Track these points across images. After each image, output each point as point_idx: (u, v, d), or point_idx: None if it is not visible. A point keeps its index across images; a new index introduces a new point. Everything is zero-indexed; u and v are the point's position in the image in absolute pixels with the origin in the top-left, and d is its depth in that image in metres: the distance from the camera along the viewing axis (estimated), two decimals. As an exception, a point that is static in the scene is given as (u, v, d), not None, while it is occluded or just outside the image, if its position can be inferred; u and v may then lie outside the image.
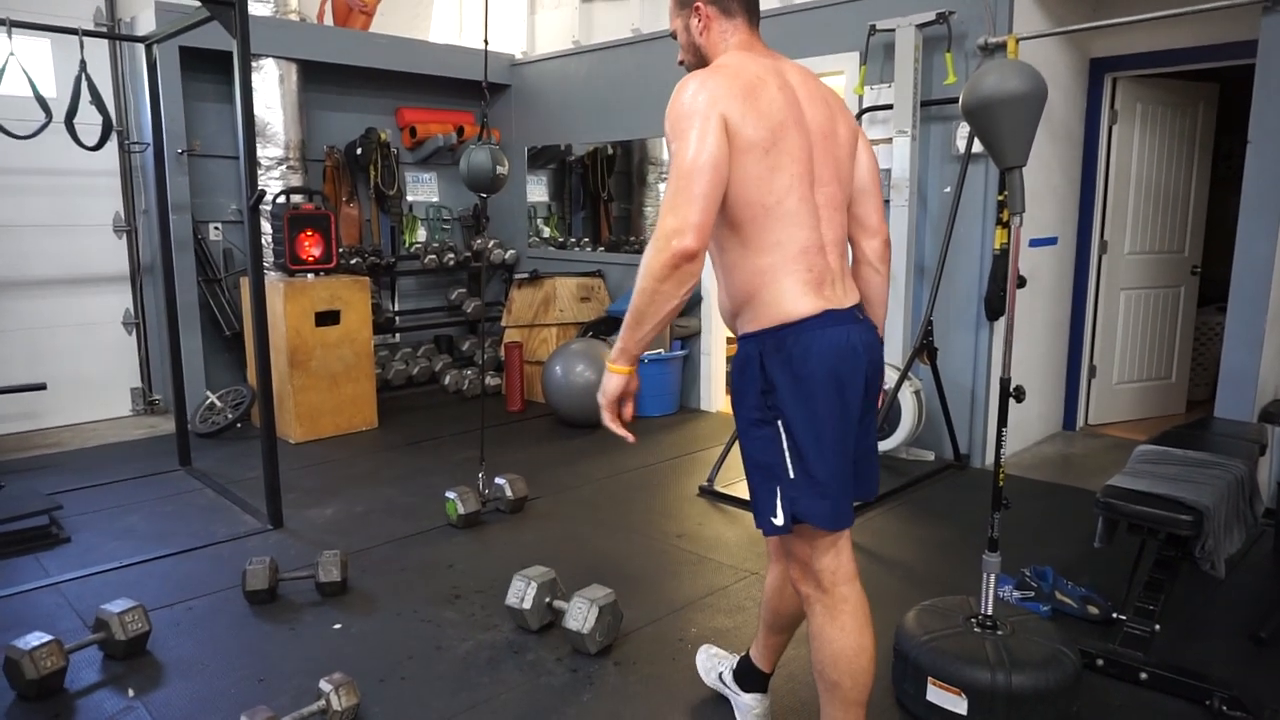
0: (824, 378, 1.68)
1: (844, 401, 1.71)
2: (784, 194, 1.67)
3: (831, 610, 1.79)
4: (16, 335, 4.96)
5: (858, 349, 1.73)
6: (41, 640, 2.35)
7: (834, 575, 1.78)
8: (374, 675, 2.45)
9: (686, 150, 1.59)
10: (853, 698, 1.80)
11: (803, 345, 1.68)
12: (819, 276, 1.72)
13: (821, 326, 1.69)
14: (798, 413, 1.69)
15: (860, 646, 1.78)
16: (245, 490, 3.97)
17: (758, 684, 2.23)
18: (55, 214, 5.06)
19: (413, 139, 6.12)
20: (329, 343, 4.87)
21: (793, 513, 1.71)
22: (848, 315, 1.75)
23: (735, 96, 1.64)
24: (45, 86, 3.91)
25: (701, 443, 4.78)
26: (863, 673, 1.78)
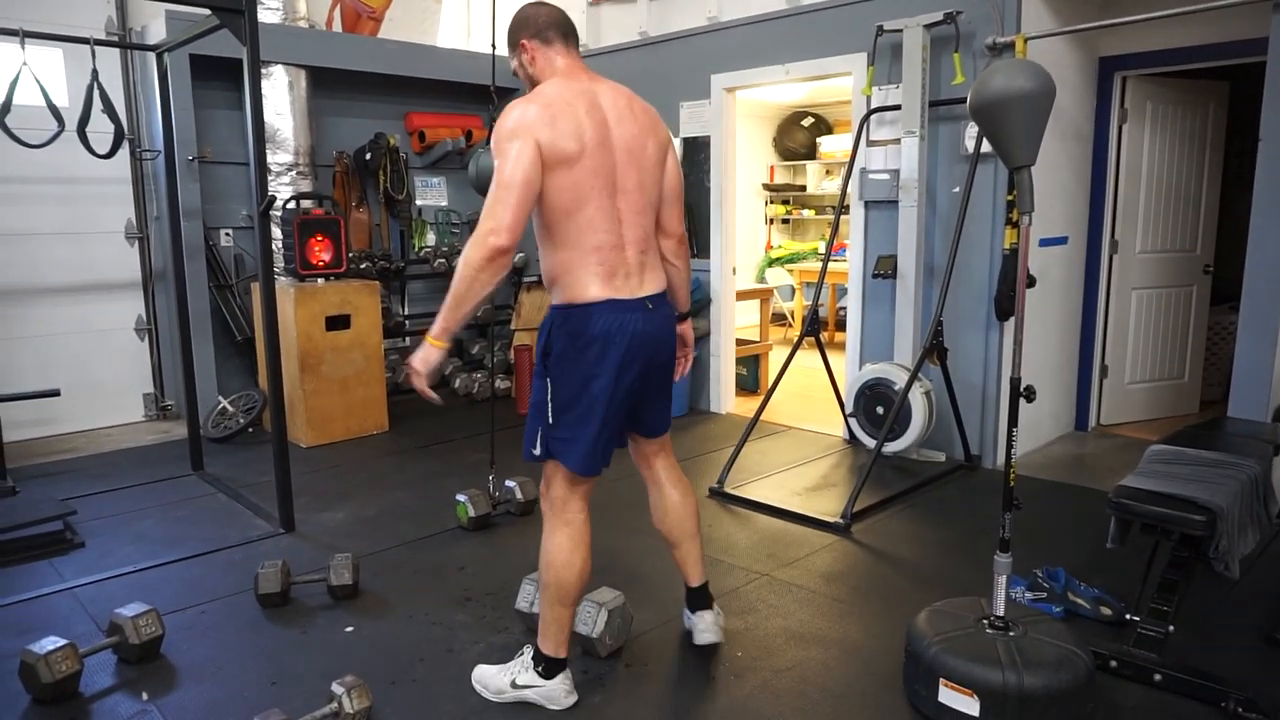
0: (595, 352, 2.12)
1: (614, 373, 2.13)
2: (584, 202, 2.08)
3: (555, 527, 2.25)
4: (31, 342, 5.00)
5: (634, 331, 2.15)
6: (56, 644, 2.36)
7: (565, 503, 2.25)
8: (386, 678, 2.45)
9: (505, 166, 1.99)
10: (556, 598, 2.24)
11: (581, 324, 2.12)
12: (610, 271, 2.14)
13: (602, 312, 2.12)
14: (563, 376, 2.15)
15: (568, 561, 2.22)
16: (257, 494, 3.99)
17: (701, 600, 2.57)
18: (68, 222, 5.10)
19: (421, 144, 6.14)
20: (339, 347, 4.90)
21: (547, 449, 2.22)
22: (634, 304, 2.17)
23: (545, 122, 2.02)
24: (57, 95, 3.95)
25: (711, 444, 4.78)
26: (567, 583, 2.22)
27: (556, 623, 2.27)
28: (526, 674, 2.32)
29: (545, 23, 2.20)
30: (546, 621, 2.29)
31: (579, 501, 2.27)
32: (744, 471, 4.25)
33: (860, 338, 4.79)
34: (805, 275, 8.19)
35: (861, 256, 4.73)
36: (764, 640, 2.68)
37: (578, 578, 2.24)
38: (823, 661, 2.55)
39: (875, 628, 2.75)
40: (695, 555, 2.55)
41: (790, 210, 9.16)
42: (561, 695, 2.31)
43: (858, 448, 4.67)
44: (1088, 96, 4.64)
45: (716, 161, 5.35)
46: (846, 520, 3.55)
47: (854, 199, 4.72)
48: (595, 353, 2.13)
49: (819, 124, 8.82)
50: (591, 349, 2.13)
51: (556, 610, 2.26)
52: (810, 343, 4.43)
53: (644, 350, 2.19)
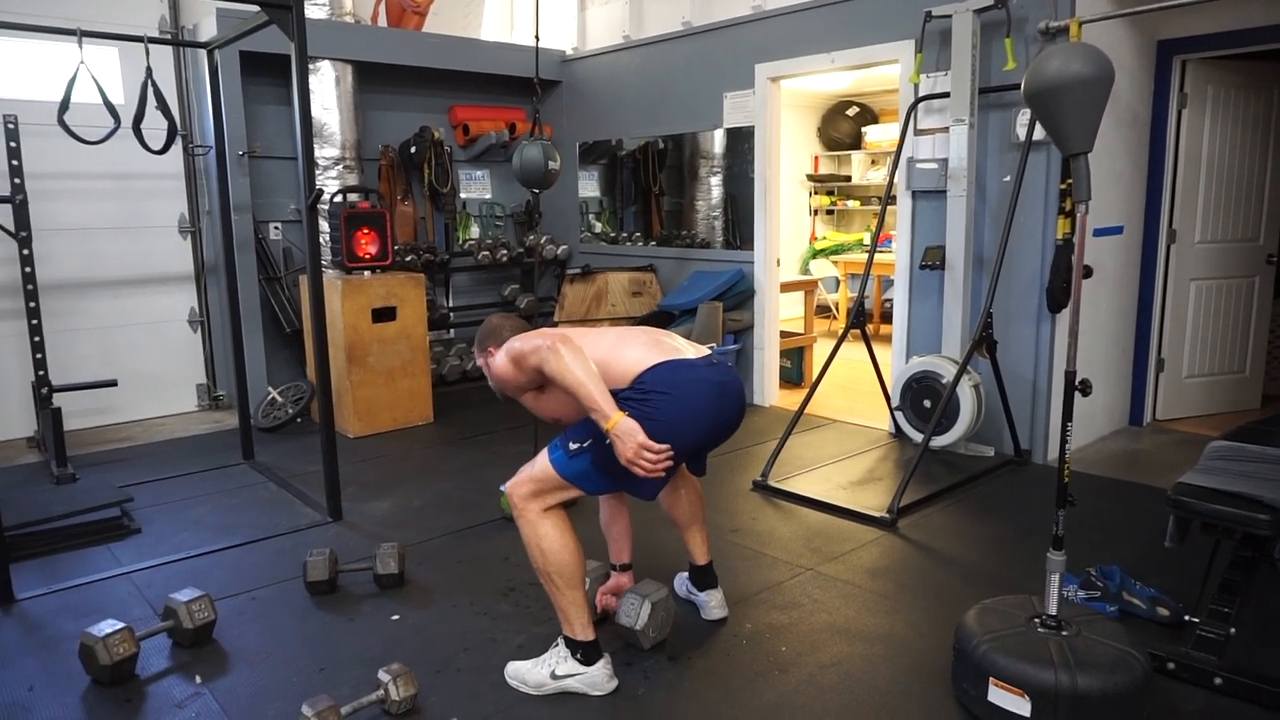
0: (672, 396, 2.22)
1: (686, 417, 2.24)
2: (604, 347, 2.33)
3: (537, 518, 2.28)
4: (89, 334, 5.14)
5: (711, 380, 2.31)
6: (114, 628, 2.43)
7: (546, 507, 2.30)
8: (431, 666, 2.48)
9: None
10: (563, 583, 2.28)
11: (656, 380, 2.23)
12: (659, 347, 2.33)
13: (671, 368, 2.25)
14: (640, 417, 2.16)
15: (563, 545, 2.27)
16: (305, 484, 4.06)
17: (708, 579, 2.75)
18: (124, 216, 5.23)
19: (465, 136, 6.18)
20: (385, 339, 4.96)
21: (580, 467, 2.25)
22: (698, 361, 2.34)
23: None
24: (113, 93, 4.03)
25: (755, 437, 4.75)
26: (569, 565, 2.27)
27: (574, 605, 2.31)
28: (566, 663, 2.32)
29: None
30: (564, 609, 2.32)
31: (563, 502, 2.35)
32: (788, 465, 4.21)
33: (907, 330, 4.71)
34: (850, 267, 8.09)
35: (908, 247, 4.65)
36: (809, 635, 2.65)
37: (576, 557, 2.29)
38: (868, 658, 2.52)
39: (922, 625, 2.70)
40: (702, 537, 2.76)
41: (835, 201, 9.05)
42: (604, 680, 2.32)
43: (904, 442, 4.60)
44: (1145, 81, 4.50)
45: (760, 152, 5.30)
46: (893, 515, 3.50)
47: (901, 189, 4.64)
48: (677, 399, 2.21)
49: (864, 113, 8.70)
50: (673, 395, 2.21)
51: (568, 594, 2.30)
52: (856, 335, 4.37)
53: (720, 399, 2.31)
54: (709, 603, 2.75)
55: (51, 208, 4.90)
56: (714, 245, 5.73)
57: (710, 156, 5.67)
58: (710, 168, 5.68)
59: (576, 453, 2.26)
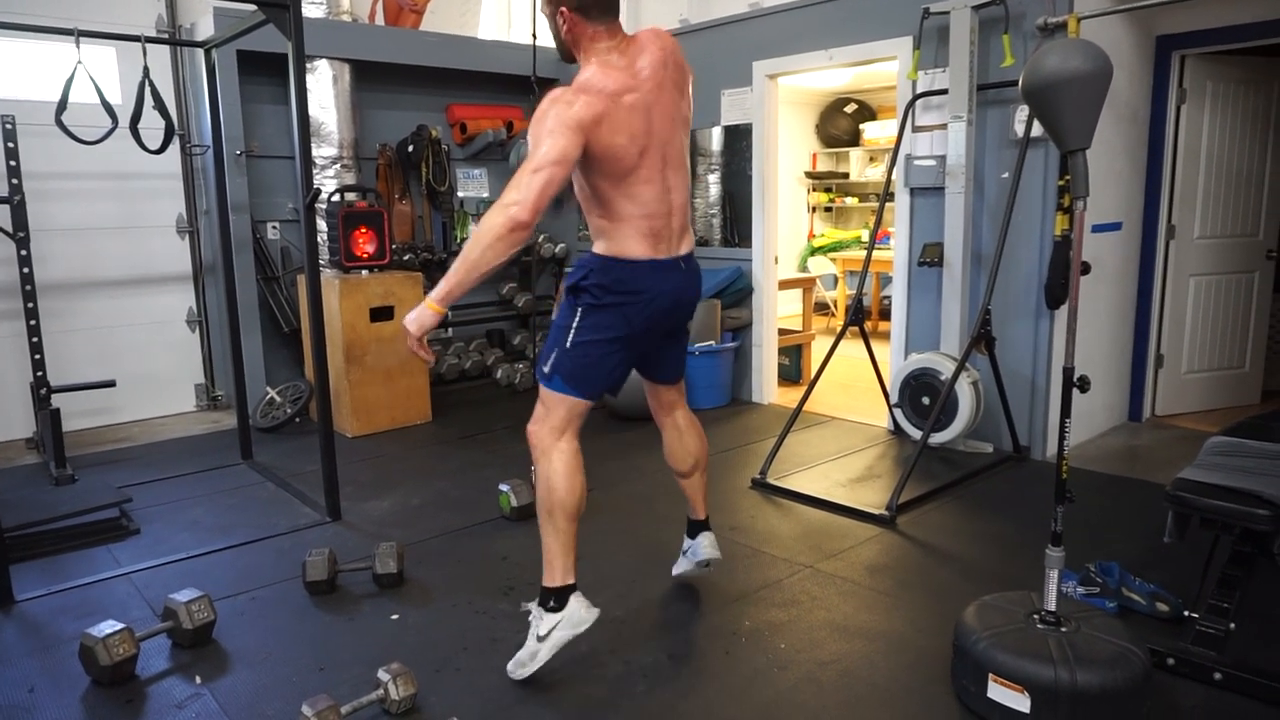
0: (629, 304, 2.27)
1: (643, 324, 2.31)
2: (635, 179, 2.20)
3: (551, 454, 2.31)
4: (87, 334, 5.14)
5: (668, 289, 2.32)
6: (114, 628, 2.43)
7: (562, 431, 2.33)
8: (430, 665, 2.48)
9: (540, 149, 2.04)
10: (562, 519, 2.31)
11: (622, 276, 2.25)
12: (656, 236, 2.28)
13: (644, 270, 2.27)
14: (592, 314, 2.27)
15: (570, 485, 2.30)
16: (304, 483, 4.05)
17: (701, 526, 2.81)
18: (121, 216, 5.22)
19: (463, 135, 6.17)
20: (383, 338, 4.95)
21: (556, 374, 2.30)
22: (671, 263, 2.33)
23: (591, 122, 2.09)
24: (110, 93, 4.02)
25: (754, 435, 4.74)
26: (570, 504, 2.30)
27: (563, 547, 2.33)
28: (543, 621, 2.34)
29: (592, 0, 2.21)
30: (553, 551, 2.33)
31: (574, 429, 2.37)
32: (786, 462, 4.21)
33: (905, 327, 4.71)
34: (848, 264, 8.09)
35: (907, 244, 4.65)
36: (808, 633, 2.65)
37: (579, 499, 2.33)
38: (867, 655, 2.52)
39: (921, 621, 2.70)
40: (703, 487, 2.80)
41: (833, 198, 9.05)
42: (582, 612, 2.34)
43: (903, 439, 4.60)
44: (1144, 77, 4.50)
45: (758, 149, 5.29)
46: (892, 512, 3.50)
47: (899, 186, 4.63)
48: (629, 305, 2.27)
49: (862, 110, 8.69)
50: (626, 301, 2.27)
51: (565, 530, 2.32)
52: (854, 332, 4.37)
53: (672, 305, 2.37)
54: (701, 543, 2.78)
55: (49, 208, 4.90)
56: (712, 243, 5.72)
57: (708, 154, 5.67)
58: (708, 165, 5.68)
59: (551, 370, 2.34)
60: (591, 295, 2.29)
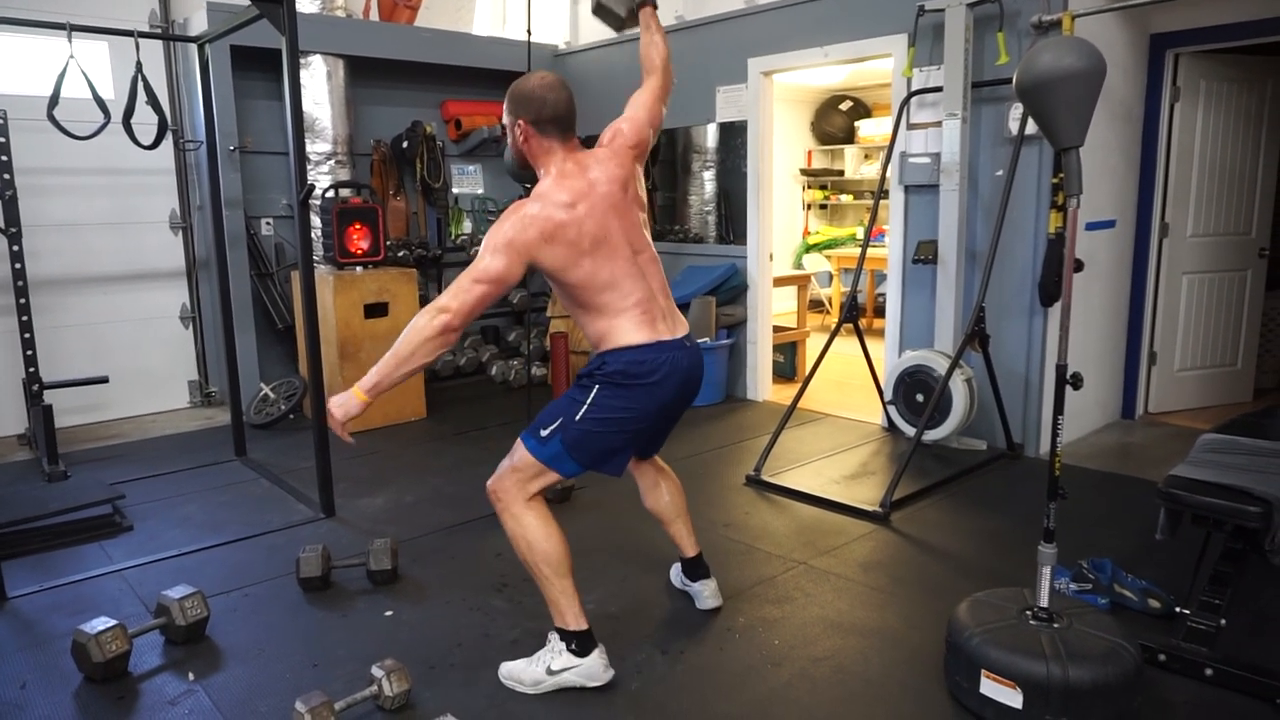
0: (643, 387, 2.26)
1: (655, 407, 2.30)
2: (609, 276, 2.25)
3: (520, 510, 2.32)
4: (80, 330, 5.12)
5: (680, 368, 2.32)
6: (107, 625, 2.42)
7: (529, 496, 2.33)
8: (425, 662, 2.48)
9: (485, 261, 2.13)
10: (552, 573, 2.31)
11: (634, 362, 2.25)
12: (650, 318, 2.30)
13: (653, 351, 2.27)
14: (605, 398, 2.25)
15: (547, 534, 2.31)
16: (298, 480, 4.05)
17: (700, 570, 2.78)
18: (115, 212, 5.20)
19: (458, 131, 6.16)
20: (378, 334, 4.94)
21: (554, 437, 2.28)
22: (675, 344, 2.33)
23: (544, 241, 2.16)
24: (103, 88, 4.00)
25: (748, 432, 4.75)
26: (556, 555, 2.31)
27: (564, 595, 2.33)
28: (561, 657, 2.32)
29: (549, 116, 2.33)
30: (555, 600, 2.33)
31: (542, 495, 2.37)
32: (781, 459, 4.22)
33: (900, 324, 4.72)
34: (843, 261, 8.10)
35: (901, 242, 4.65)
36: (801, 629, 2.66)
37: (561, 546, 2.32)
38: (861, 651, 2.53)
39: (915, 618, 2.71)
40: (687, 530, 2.77)
41: (828, 195, 9.05)
42: (600, 670, 2.32)
43: (897, 436, 4.61)
44: (1138, 75, 4.51)
45: (753, 147, 5.29)
46: (885, 509, 3.51)
47: (893, 183, 4.64)
48: (643, 387, 2.27)
49: (857, 107, 8.69)
50: (641, 383, 2.26)
51: (558, 584, 2.32)
52: (848, 329, 4.37)
53: (683, 383, 2.35)
54: (703, 593, 2.78)
55: (41, 203, 4.87)
56: (707, 240, 5.72)
57: (703, 151, 5.66)
58: (703, 162, 5.67)
59: (548, 437, 2.29)
60: (606, 377, 2.28)
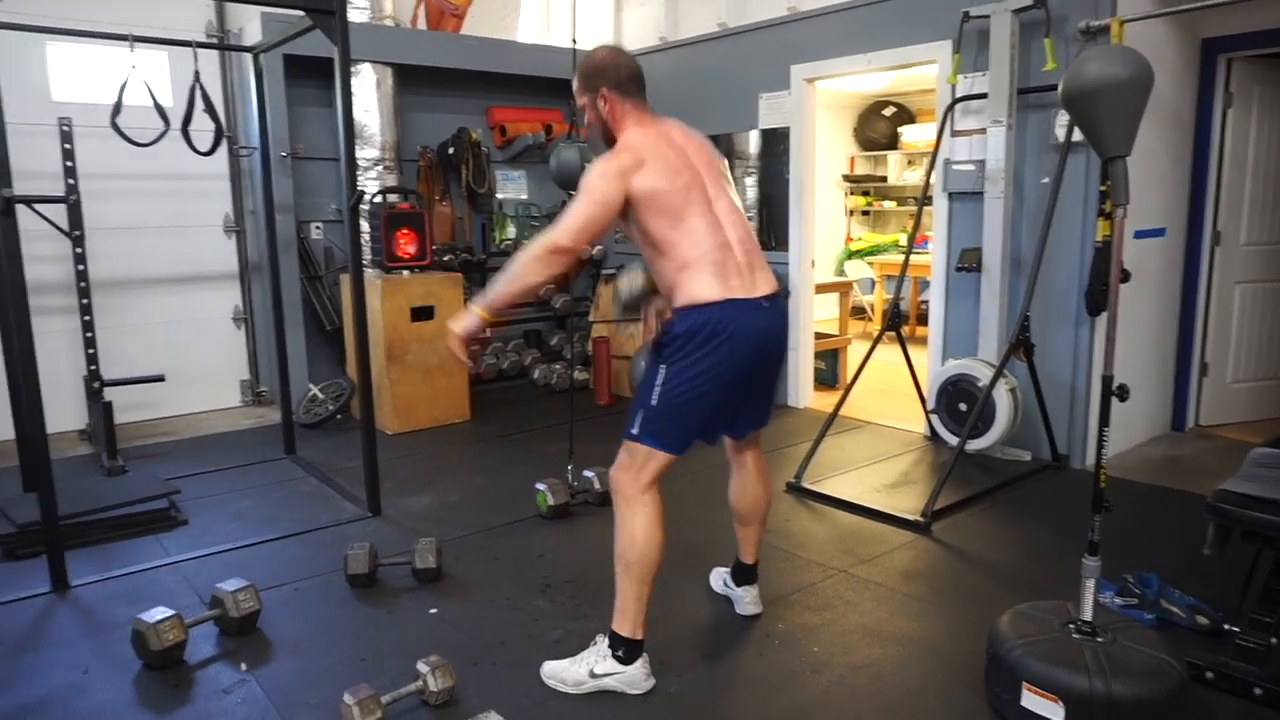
0: (713, 348, 2.25)
1: (728, 368, 2.27)
2: (685, 217, 2.28)
3: (634, 507, 2.32)
4: (138, 330, 5.28)
5: (753, 329, 2.29)
6: (165, 615, 2.51)
7: (648, 485, 2.33)
8: (468, 659, 2.53)
9: (591, 188, 2.23)
10: (639, 576, 2.31)
11: (702, 320, 2.24)
12: (724, 272, 2.28)
13: (722, 310, 2.25)
14: (677, 365, 2.27)
15: (650, 538, 2.31)
16: (345, 478, 4.14)
17: (748, 577, 2.80)
18: (171, 216, 5.36)
19: (503, 138, 6.25)
20: (424, 337, 5.04)
21: (645, 430, 2.31)
22: (751, 303, 2.30)
23: (634, 167, 2.25)
24: (161, 96, 4.13)
25: (789, 439, 4.75)
26: (650, 560, 2.31)
27: (637, 602, 2.33)
28: (605, 662, 2.35)
29: (626, 76, 2.39)
30: (627, 601, 2.33)
31: (658, 483, 2.36)
32: (822, 467, 4.21)
33: (943, 332, 4.68)
34: (886, 268, 8.05)
35: (945, 249, 4.62)
36: (841, 636, 2.66)
37: (658, 554, 2.34)
38: (900, 660, 2.53)
39: (955, 628, 2.70)
40: (758, 537, 2.78)
41: (871, 202, 9.00)
42: (641, 679, 2.35)
43: (939, 445, 4.58)
44: (1189, 81, 4.43)
45: (796, 153, 5.29)
46: (927, 518, 3.49)
47: (937, 190, 4.61)
48: (713, 348, 2.25)
49: (901, 113, 8.64)
50: (710, 345, 2.25)
51: (639, 588, 2.32)
52: (891, 337, 4.35)
53: (759, 348, 2.33)
54: (744, 598, 2.80)
55: (102, 207, 5.03)
56: (748, 246, 5.72)
57: (745, 157, 5.68)
58: (745, 168, 5.69)
59: (640, 429, 2.33)
60: (674, 348, 2.28)
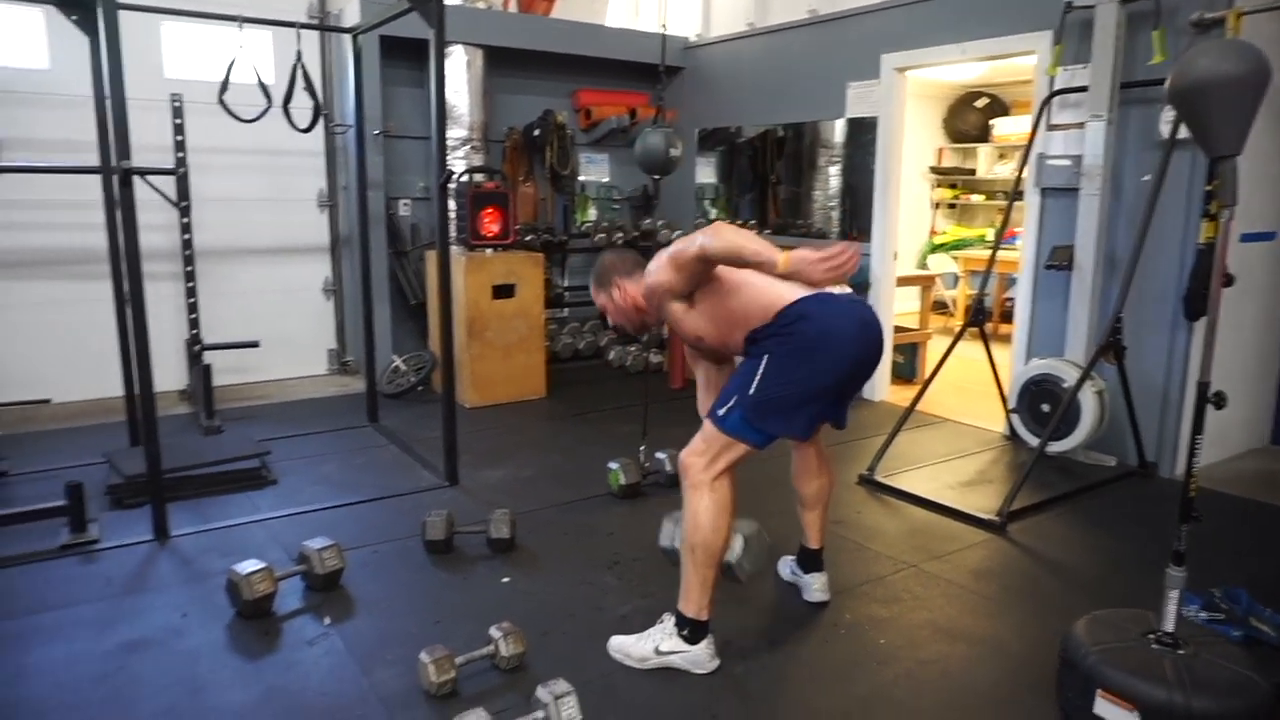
0: (811, 340, 2.27)
1: (838, 360, 2.29)
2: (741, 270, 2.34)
3: (703, 492, 2.32)
4: (234, 298, 5.52)
5: (859, 318, 2.34)
6: (257, 567, 2.66)
7: (722, 472, 2.33)
8: (538, 628, 2.59)
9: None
10: (703, 560, 2.33)
11: (795, 314, 2.28)
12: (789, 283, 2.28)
13: (821, 301, 2.29)
14: (780, 358, 2.27)
15: (716, 525, 2.32)
16: (425, 448, 4.27)
17: (815, 563, 2.80)
18: (269, 189, 5.58)
19: (588, 120, 6.30)
20: (504, 315, 5.15)
21: (733, 412, 2.30)
22: (844, 296, 2.38)
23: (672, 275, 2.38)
24: (264, 74, 4.29)
25: (862, 431, 4.70)
26: (715, 546, 2.33)
27: (702, 584, 2.35)
28: (671, 640, 2.39)
29: (632, 265, 2.64)
30: (691, 584, 2.36)
31: (732, 472, 2.36)
32: (896, 461, 4.16)
33: (1029, 330, 4.56)
34: (971, 263, 7.85)
35: (1035, 246, 4.50)
36: (909, 631, 2.65)
37: (725, 542, 2.36)
38: (969, 658, 2.50)
39: (1028, 631, 2.66)
40: (821, 522, 2.81)
41: (958, 195, 8.78)
42: (706, 659, 2.38)
43: (1018, 445, 4.47)
44: (1310, 77, 4.19)
45: (883, 143, 5.20)
46: (1003, 518, 3.43)
47: (1029, 185, 4.48)
48: (816, 341, 2.26)
49: (994, 105, 8.39)
50: (812, 338, 2.26)
51: (703, 572, 2.34)
52: (973, 333, 4.26)
53: (861, 335, 2.33)
54: (812, 585, 2.80)
55: (205, 180, 5.26)
56: (830, 235, 5.67)
57: (830, 146, 5.61)
58: (830, 157, 5.62)
59: (728, 412, 2.31)
60: (777, 340, 2.29)
